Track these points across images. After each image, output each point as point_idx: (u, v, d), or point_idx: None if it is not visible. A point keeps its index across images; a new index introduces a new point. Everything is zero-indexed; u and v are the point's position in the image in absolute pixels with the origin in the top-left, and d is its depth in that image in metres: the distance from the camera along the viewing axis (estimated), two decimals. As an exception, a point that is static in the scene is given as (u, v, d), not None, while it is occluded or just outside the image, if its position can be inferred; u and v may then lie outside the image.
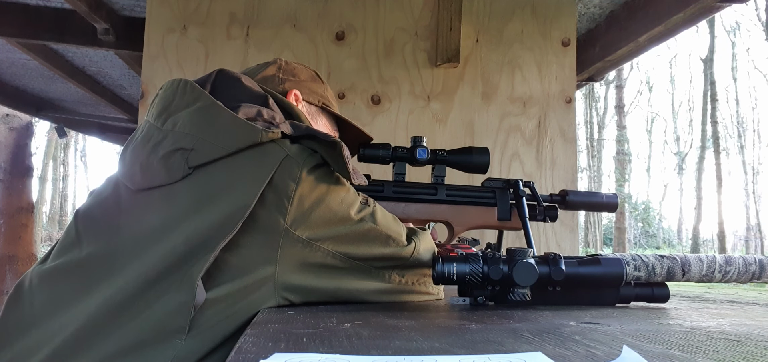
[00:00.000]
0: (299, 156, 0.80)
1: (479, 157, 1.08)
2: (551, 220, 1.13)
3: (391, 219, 0.89)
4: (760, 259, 0.87)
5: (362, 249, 0.83)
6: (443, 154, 1.09)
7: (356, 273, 0.84)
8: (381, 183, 1.08)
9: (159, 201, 0.78)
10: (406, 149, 1.08)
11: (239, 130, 0.78)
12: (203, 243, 0.73)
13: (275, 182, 0.76)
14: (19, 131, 4.89)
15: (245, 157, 0.78)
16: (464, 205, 1.10)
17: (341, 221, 0.81)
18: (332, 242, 0.81)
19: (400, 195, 1.08)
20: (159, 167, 0.78)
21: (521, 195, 1.09)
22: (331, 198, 0.81)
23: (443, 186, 1.10)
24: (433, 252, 0.91)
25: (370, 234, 0.83)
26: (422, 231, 0.93)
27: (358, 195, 0.87)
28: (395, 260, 0.86)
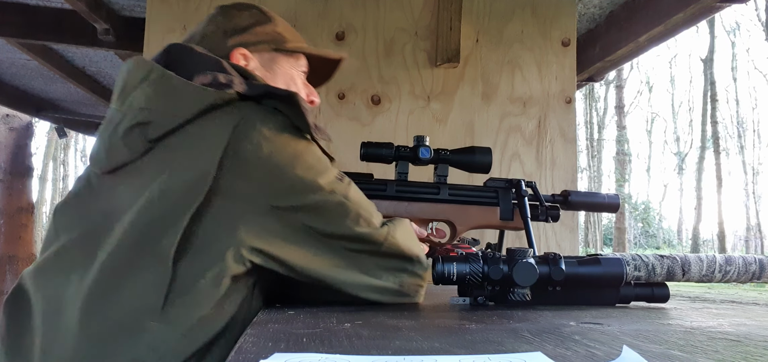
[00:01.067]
0: (256, 116, 0.77)
1: (482, 156, 1.09)
2: (553, 220, 1.13)
3: (366, 201, 0.84)
4: (760, 259, 0.87)
5: (331, 225, 0.79)
6: (446, 154, 1.09)
7: (327, 252, 0.80)
8: (384, 182, 1.08)
9: (124, 180, 0.78)
10: (408, 148, 1.08)
11: (192, 96, 0.77)
12: (169, 216, 0.73)
13: (233, 147, 0.75)
14: (19, 131, 4.89)
15: (202, 123, 0.76)
16: (467, 205, 1.10)
17: (307, 189, 0.77)
18: (297, 212, 0.77)
19: (402, 195, 1.08)
20: (121, 146, 0.78)
21: (523, 195, 1.09)
22: (297, 164, 0.77)
23: (446, 186, 1.10)
24: (411, 241, 0.86)
25: (340, 208, 0.79)
26: (399, 219, 0.89)
27: (333, 168, 0.83)
28: (367, 243, 0.81)
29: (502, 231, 1.21)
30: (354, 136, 1.86)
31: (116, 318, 0.71)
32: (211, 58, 0.85)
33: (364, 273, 0.82)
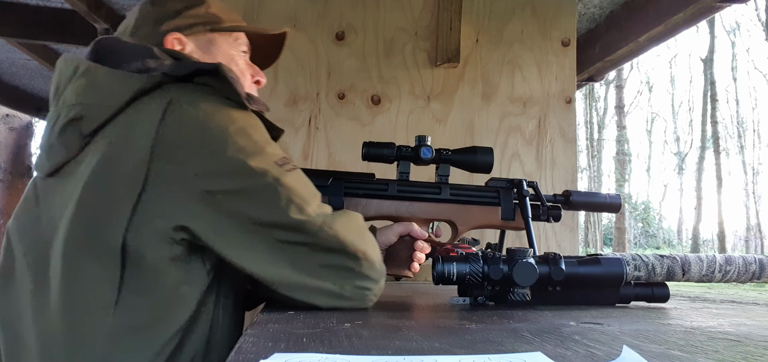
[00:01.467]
0: (186, 97, 0.75)
1: (483, 156, 1.09)
2: (554, 220, 1.14)
3: (305, 187, 0.77)
4: (760, 259, 0.87)
5: (260, 210, 0.73)
6: (447, 154, 1.09)
7: (258, 243, 0.73)
8: (385, 182, 1.08)
9: (64, 180, 0.77)
10: (410, 148, 1.08)
11: (120, 84, 0.76)
12: (113, 207, 0.72)
13: (163, 131, 0.72)
14: (19, 131, 4.89)
15: (133, 110, 0.75)
16: (468, 205, 1.10)
17: (236, 171, 0.73)
18: (227, 196, 0.72)
19: (404, 194, 1.08)
20: (58, 146, 0.77)
21: (525, 195, 1.09)
22: (227, 145, 0.73)
23: (447, 186, 1.10)
24: (356, 235, 0.77)
25: (269, 192, 0.73)
26: (347, 212, 0.82)
27: (271, 150, 0.77)
28: (300, 232, 0.74)
29: (503, 231, 1.21)
30: (354, 136, 1.86)
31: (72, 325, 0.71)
32: (140, 46, 0.82)
33: (297, 271, 0.74)
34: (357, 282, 0.76)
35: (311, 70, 1.87)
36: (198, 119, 0.74)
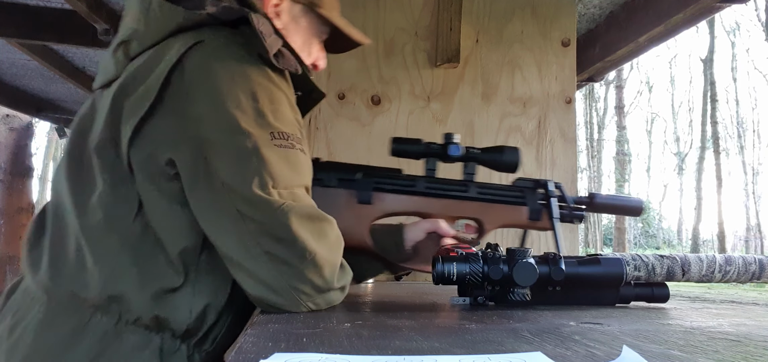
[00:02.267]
0: (217, 41, 0.77)
1: (510, 155, 1.08)
2: (578, 222, 1.14)
3: (289, 172, 0.74)
4: (760, 259, 0.87)
5: (228, 171, 0.71)
6: (475, 152, 1.09)
7: (220, 205, 0.71)
8: (413, 178, 1.08)
9: (107, 92, 0.81)
10: (438, 145, 1.08)
11: (165, 16, 0.79)
12: (124, 124, 0.75)
13: (182, 65, 0.74)
14: (19, 131, 4.89)
15: (168, 42, 0.78)
16: (494, 203, 1.10)
17: (227, 127, 0.72)
18: (211, 147, 0.72)
19: (431, 191, 1.08)
20: (111, 62, 0.83)
21: (551, 195, 1.09)
22: (231, 99, 0.73)
23: (474, 184, 1.10)
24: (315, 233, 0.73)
25: (243, 156, 0.71)
26: (325, 217, 0.76)
27: (281, 122, 0.75)
28: (257, 209, 0.70)
29: (525, 231, 1.21)
30: (354, 136, 1.86)
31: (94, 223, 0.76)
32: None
33: (241, 247, 0.71)
34: (294, 282, 0.71)
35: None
36: (215, 66, 0.75)
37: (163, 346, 0.76)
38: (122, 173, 0.76)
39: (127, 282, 0.74)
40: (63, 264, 0.77)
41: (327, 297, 0.75)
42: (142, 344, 0.75)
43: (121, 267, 0.75)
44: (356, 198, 1.03)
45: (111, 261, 0.75)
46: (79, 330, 0.73)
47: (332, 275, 0.75)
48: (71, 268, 0.76)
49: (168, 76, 0.74)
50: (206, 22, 0.79)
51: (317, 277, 0.72)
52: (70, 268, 0.76)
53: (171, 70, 0.74)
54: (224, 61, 0.75)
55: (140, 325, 0.75)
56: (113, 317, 0.74)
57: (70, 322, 0.74)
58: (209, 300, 0.78)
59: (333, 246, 0.76)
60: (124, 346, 0.74)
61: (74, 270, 0.76)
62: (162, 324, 0.76)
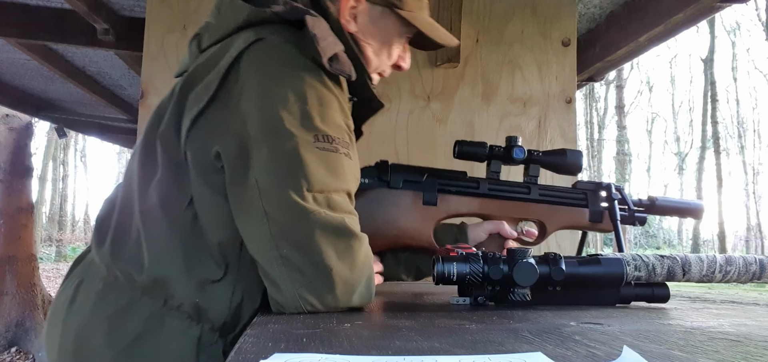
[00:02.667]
0: (277, 39, 0.77)
1: (573, 158, 1.10)
2: (640, 225, 1.15)
3: (330, 177, 0.72)
4: (761, 259, 0.87)
5: (264, 171, 0.71)
6: (538, 155, 1.11)
7: (250, 200, 0.72)
8: (477, 180, 1.10)
9: (178, 84, 0.83)
10: (502, 148, 1.10)
11: (233, 12, 0.82)
12: (185, 115, 0.78)
13: (240, 63, 0.76)
14: (18, 131, 4.89)
15: (233, 38, 0.80)
16: (557, 205, 1.11)
17: (269, 126, 0.72)
18: (253, 144, 0.72)
19: (495, 193, 1.09)
20: (187, 53, 0.88)
21: (614, 198, 1.10)
22: (278, 99, 0.73)
23: (536, 186, 1.12)
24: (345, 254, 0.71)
25: (281, 157, 0.71)
26: (358, 236, 0.74)
27: (326, 125, 0.74)
28: (281, 210, 0.70)
29: (583, 233, 1.22)
30: (354, 136, 1.86)
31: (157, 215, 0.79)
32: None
33: (262, 251, 0.72)
34: (302, 291, 0.70)
35: (311, 70, 1.86)
36: (268, 65, 0.76)
37: (201, 337, 0.78)
38: (179, 162, 0.78)
39: (172, 268, 0.76)
40: (124, 244, 0.80)
41: (333, 311, 0.73)
42: (182, 331, 0.77)
43: (169, 251, 0.77)
44: (422, 200, 1.05)
45: (160, 245, 0.77)
46: (128, 308, 0.77)
47: (345, 295, 0.72)
48: (131, 250, 0.79)
49: (227, 71, 0.76)
50: (271, 20, 0.80)
51: (328, 293, 0.71)
52: (129, 250, 0.79)
53: (230, 65, 0.76)
54: (279, 60, 0.76)
55: (182, 312, 0.77)
56: (159, 300, 0.77)
57: (122, 299, 0.77)
58: (246, 296, 0.80)
59: (356, 265, 0.72)
60: (165, 330, 0.76)
61: (132, 253, 0.78)
62: (202, 314, 0.78)
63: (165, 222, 0.77)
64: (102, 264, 0.81)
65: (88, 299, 0.80)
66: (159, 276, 0.77)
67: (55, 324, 0.82)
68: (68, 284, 0.85)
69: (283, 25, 0.80)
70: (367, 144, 1.86)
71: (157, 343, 0.76)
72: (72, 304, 0.81)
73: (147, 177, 0.81)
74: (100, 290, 0.79)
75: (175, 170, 0.78)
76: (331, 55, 0.77)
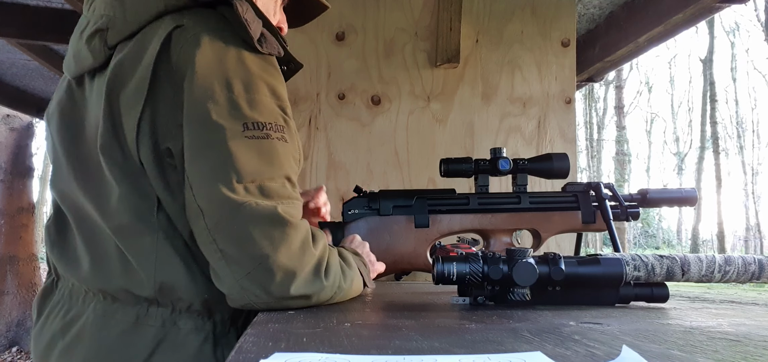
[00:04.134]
0: (198, 25, 0.75)
1: (559, 163, 1.11)
2: (633, 219, 1.15)
3: (264, 165, 0.72)
4: (760, 259, 0.87)
5: (196, 168, 0.71)
6: (524, 163, 1.11)
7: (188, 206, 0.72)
8: (466, 197, 1.11)
9: (97, 88, 0.80)
10: (487, 161, 1.10)
11: (143, 2, 0.77)
12: (125, 120, 0.75)
13: (167, 55, 0.74)
14: (19, 132, 4.89)
15: (150, 29, 0.76)
16: (549, 211, 1.12)
17: (198, 118, 0.71)
18: (187, 138, 0.72)
19: (485, 207, 1.10)
20: (85, 52, 0.80)
21: (603, 198, 1.10)
22: (204, 89, 0.72)
23: (526, 195, 1.12)
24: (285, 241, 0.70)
25: (211, 151, 0.70)
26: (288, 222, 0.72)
27: (257, 111, 0.73)
28: (215, 206, 0.70)
29: (579, 234, 1.22)
30: (354, 136, 1.87)
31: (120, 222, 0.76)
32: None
33: (204, 246, 0.72)
34: (243, 282, 0.70)
35: (311, 71, 1.87)
36: (193, 56, 0.73)
37: (214, 330, 0.79)
38: (134, 170, 0.76)
39: (173, 276, 0.76)
40: (108, 263, 0.77)
41: (281, 303, 0.72)
42: (196, 329, 0.77)
43: (163, 263, 0.76)
44: (414, 223, 1.07)
45: (152, 259, 0.75)
46: (140, 320, 0.76)
47: (286, 282, 0.71)
48: (117, 267, 0.77)
49: (155, 66, 0.73)
50: (186, 6, 0.78)
51: (269, 282, 0.70)
52: (116, 267, 0.77)
53: (157, 59, 0.73)
54: (202, 49, 0.73)
55: (193, 311, 0.77)
56: (167, 308, 0.77)
57: (131, 314, 0.76)
58: None
59: (294, 253, 0.71)
60: (181, 332, 0.76)
61: (121, 269, 0.77)
62: (212, 309, 0.78)
63: (145, 233, 0.75)
64: (91, 289, 0.78)
65: (87, 325, 0.77)
66: (164, 286, 0.75)
67: (52, 360, 0.79)
68: (49, 318, 0.81)
69: (199, 8, 0.78)
70: (367, 144, 1.87)
71: (176, 346, 0.76)
72: (65, 334, 0.78)
73: (100, 195, 0.78)
74: (101, 314, 0.77)
75: (132, 181, 0.76)
76: (258, 37, 0.76)
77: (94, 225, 0.79)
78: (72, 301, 0.80)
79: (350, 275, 0.83)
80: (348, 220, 1.06)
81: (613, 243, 1.07)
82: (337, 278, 0.78)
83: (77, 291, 0.80)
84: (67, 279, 0.82)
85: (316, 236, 0.77)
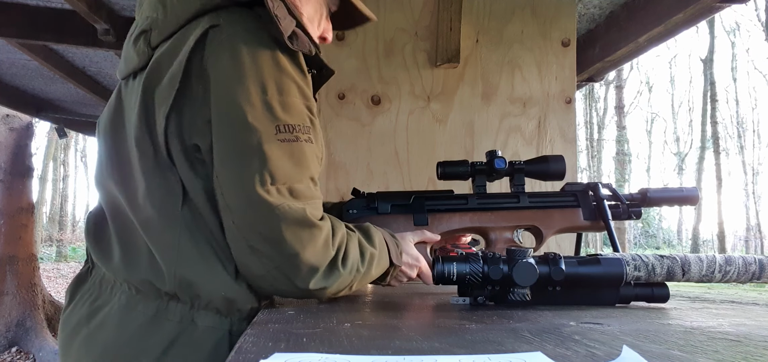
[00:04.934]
0: (233, 26, 0.76)
1: (555, 165, 1.11)
2: (636, 218, 1.15)
3: (294, 168, 0.75)
4: (760, 259, 0.87)
5: (229, 169, 0.73)
6: (520, 164, 1.12)
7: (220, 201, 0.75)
8: (465, 197, 1.11)
9: (136, 85, 0.81)
10: (483, 163, 1.11)
11: (182, 3, 0.79)
12: (157, 115, 0.77)
13: (200, 53, 0.75)
14: (19, 132, 4.89)
15: (187, 28, 0.78)
16: (549, 209, 1.12)
17: (234, 121, 0.73)
18: (220, 139, 0.74)
19: (485, 206, 1.10)
20: (133, 53, 0.83)
21: (601, 197, 1.11)
22: (240, 90, 0.74)
23: (525, 194, 1.12)
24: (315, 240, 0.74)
25: (246, 153, 0.73)
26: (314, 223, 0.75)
27: (287, 113, 0.75)
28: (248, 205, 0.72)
29: (579, 235, 1.23)
30: (354, 136, 1.86)
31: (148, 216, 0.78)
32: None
33: (232, 241, 0.76)
34: (273, 272, 0.75)
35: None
36: (227, 56, 0.75)
37: (232, 328, 0.79)
38: (163, 164, 0.77)
39: (194, 271, 0.76)
40: (136, 255, 0.79)
41: (303, 294, 0.78)
42: (214, 327, 0.78)
43: (184, 258, 0.77)
44: (413, 222, 1.07)
45: (174, 254, 0.77)
46: (158, 315, 0.77)
47: (309, 276, 0.75)
48: (144, 259, 0.79)
49: (188, 63, 0.75)
50: (223, 5, 0.79)
51: (295, 276, 0.75)
52: (143, 259, 0.79)
53: (189, 56, 0.75)
54: (237, 49, 0.75)
55: (211, 309, 0.78)
56: (186, 304, 0.78)
57: (151, 307, 0.78)
58: None
59: (318, 250, 0.76)
60: (198, 330, 0.77)
61: (147, 262, 0.78)
62: (231, 306, 0.78)
63: (168, 228, 0.77)
64: (119, 279, 0.81)
65: (111, 314, 0.79)
66: (183, 281, 0.76)
67: (74, 344, 0.81)
68: (79, 304, 0.84)
69: (235, 7, 0.79)
70: (367, 144, 1.87)
71: (192, 343, 0.77)
72: (90, 321, 0.80)
73: (130, 189, 0.80)
74: (125, 304, 0.79)
75: (159, 175, 0.78)
76: (290, 34, 0.77)
77: (126, 218, 0.81)
78: (101, 289, 0.83)
79: (369, 254, 0.84)
80: (347, 220, 1.06)
81: (612, 243, 1.07)
82: (354, 263, 0.81)
83: (107, 280, 0.83)
84: (99, 268, 0.84)
85: (336, 229, 0.80)
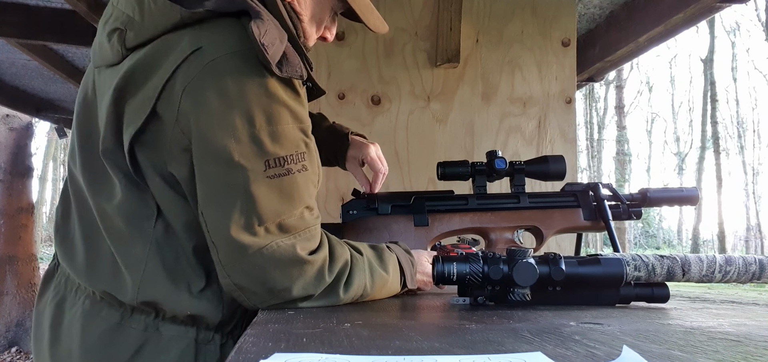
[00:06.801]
0: (213, 49, 0.71)
1: (555, 165, 1.12)
2: (636, 218, 1.16)
3: (281, 204, 0.71)
4: (760, 259, 0.87)
5: (211, 205, 0.71)
6: (520, 165, 1.12)
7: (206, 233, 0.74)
8: (465, 197, 1.11)
9: (109, 80, 0.78)
10: (483, 163, 1.11)
11: (159, 10, 0.74)
12: (127, 124, 0.75)
13: (180, 77, 0.71)
14: (19, 131, 4.89)
15: (166, 40, 0.74)
16: (550, 209, 1.12)
17: (219, 157, 0.69)
18: (203, 171, 0.71)
19: (485, 207, 1.10)
20: (107, 47, 0.79)
21: (601, 198, 1.11)
22: (225, 124, 0.69)
23: (525, 195, 1.12)
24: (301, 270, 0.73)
25: (231, 194, 0.70)
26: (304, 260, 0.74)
27: (277, 145, 0.71)
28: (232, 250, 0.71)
29: (579, 235, 1.23)
30: (354, 136, 1.86)
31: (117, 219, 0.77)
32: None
33: (218, 271, 0.74)
34: (263, 305, 0.75)
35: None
36: (209, 81, 0.70)
37: (197, 337, 0.79)
38: (134, 178, 0.76)
39: (158, 290, 0.76)
40: (99, 263, 0.78)
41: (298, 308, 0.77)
42: (179, 335, 0.78)
43: (150, 275, 0.76)
44: (413, 222, 1.07)
45: (140, 270, 0.76)
46: (122, 324, 0.77)
47: (300, 302, 0.76)
48: (107, 269, 0.77)
49: (163, 90, 0.71)
50: (206, 17, 0.74)
51: (285, 303, 0.75)
52: (105, 269, 0.78)
53: (167, 82, 0.71)
54: (221, 78, 0.70)
55: (176, 321, 0.78)
56: (150, 315, 0.77)
57: (113, 317, 0.77)
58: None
59: (309, 283, 0.75)
60: (163, 338, 0.77)
61: (110, 272, 0.77)
62: (197, 320, 0.78)
63: (139, 243, 0.75)
64: (81, 282, 0.79)
65: (75, 319, 0.78)
66: (147, 299, 0.76)
67: (43, 350, 0.81)
68: (46, 303, 0.83)
69: (220, 21, 0.74)
70: (367, 144, 1.86)
71: (157, 350, 0.76)
72: (57, 326, 0.80)
73: (101, 194, 0.78)
74: (88, 309, 0.78)
75: (133, 188, 0.76)
76: (279, 59, 0.71)
77: (93, 221, 0.80)
78: (67, 290, 0.82)
79: (379, 278, 0.83)
80: (347, 221, 1.06)
81: (612, 243, 1.07)
82: (359, 289, 0.80)
83: (72, 281, 0.82)
84: (65, 266, 0.83)
85: (336, 256, 0.78)
